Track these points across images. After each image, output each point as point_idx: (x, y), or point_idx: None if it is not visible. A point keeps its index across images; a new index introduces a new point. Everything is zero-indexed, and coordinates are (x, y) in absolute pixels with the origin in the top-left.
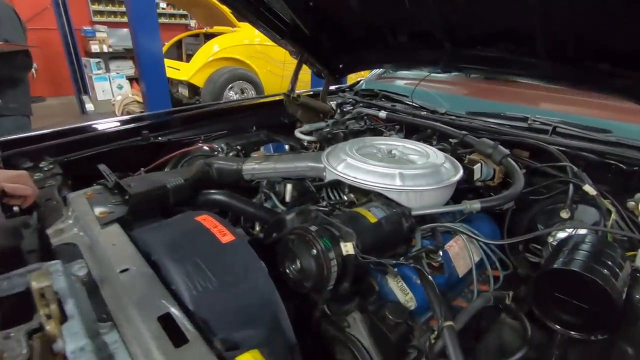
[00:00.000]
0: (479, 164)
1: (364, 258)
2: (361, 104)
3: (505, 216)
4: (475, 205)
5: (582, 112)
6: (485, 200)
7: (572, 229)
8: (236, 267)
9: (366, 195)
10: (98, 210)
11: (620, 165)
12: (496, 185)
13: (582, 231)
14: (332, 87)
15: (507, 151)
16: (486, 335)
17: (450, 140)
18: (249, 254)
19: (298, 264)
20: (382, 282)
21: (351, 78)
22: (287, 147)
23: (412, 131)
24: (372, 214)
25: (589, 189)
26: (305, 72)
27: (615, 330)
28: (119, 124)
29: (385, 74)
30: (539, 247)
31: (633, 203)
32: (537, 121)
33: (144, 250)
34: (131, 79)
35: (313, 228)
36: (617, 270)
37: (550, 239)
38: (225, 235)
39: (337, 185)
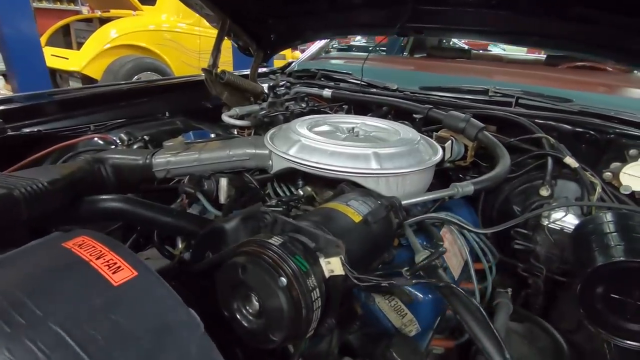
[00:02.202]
0: (450, 141)
1: (361, 279)
2: (298, 85)
3: (479, 200)
4: (467, 187)
5: (541, 84)
6: (478, 182)
7: (566, 207)
8: (142, 331)
9: (329, 186)
10: None
11: (593, 134)
12: (468, 166)
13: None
14: (261, 70)
15: (481, 124)
16: None
17: (415, 116)
18: (168, 299)
19: (256, 303)
20: (368, 303)
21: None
22: (212, 136)
23: (362, 111)
24: (354, 210)
25: (570, 161)
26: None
27: None
28: None
29: (319, 55)
30: (524, 231)
31: (610, 174)
32: (498, 93)
33: None
34: (5, 74)
35: (275, 241)
36: None
37: (545, 221)
38: (118, 270)
39: (288, 176)
